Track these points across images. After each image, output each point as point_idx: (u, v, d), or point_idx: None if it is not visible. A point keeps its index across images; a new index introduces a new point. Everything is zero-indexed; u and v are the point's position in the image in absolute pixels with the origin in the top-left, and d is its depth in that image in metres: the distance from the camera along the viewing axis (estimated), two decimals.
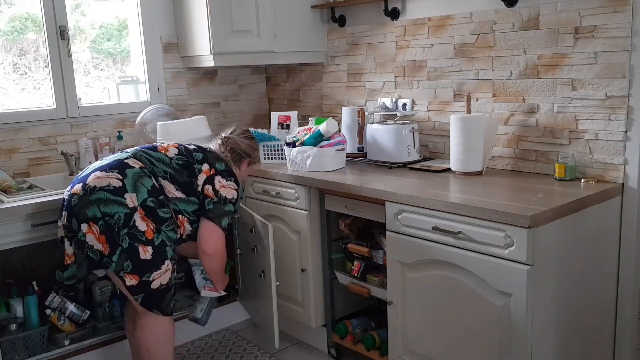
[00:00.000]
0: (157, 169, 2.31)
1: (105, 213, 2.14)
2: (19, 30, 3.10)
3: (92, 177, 2.20)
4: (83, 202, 2.16)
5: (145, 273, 2.18)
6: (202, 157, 2.40)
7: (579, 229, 2.12)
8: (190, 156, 2.38)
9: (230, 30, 3.12)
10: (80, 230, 2.16)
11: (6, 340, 2.48)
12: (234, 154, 2.56)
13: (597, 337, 2.32)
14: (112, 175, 2.19)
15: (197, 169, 2.36)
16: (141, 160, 2.30)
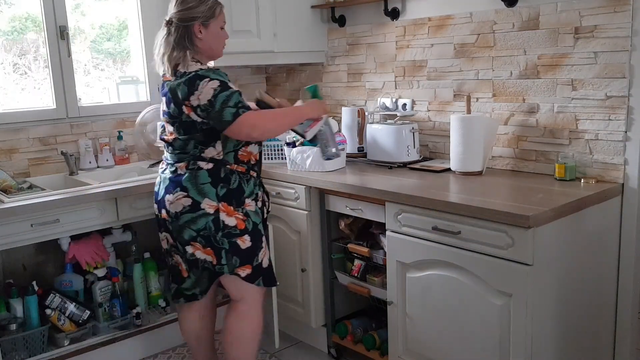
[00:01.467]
0: (193, 152, 2.23)
1: (198, 230, 2.19)
2: (19, 30, 3.10)
3: (167, 203, 2.23)
4: (176, 228, 2.23)
5: (253, 258, 2.26)
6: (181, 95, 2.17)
7: (579, 229, 2.12)
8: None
9: (230, 30, 3.11)
10: (187, 251, 2.25)
11: (6, 340, 2.48)
12: (181, 37, 2.20)
13: (597, 337, 2.32)
14: (179, 196, 2.20)
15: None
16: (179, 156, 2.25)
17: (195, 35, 2.23)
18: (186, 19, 2.20)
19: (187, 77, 2.14)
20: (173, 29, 2.21)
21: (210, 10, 2.27)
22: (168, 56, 2.20)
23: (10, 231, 2.40)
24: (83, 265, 2.76)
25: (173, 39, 2.20)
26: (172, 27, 2.21)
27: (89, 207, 2.59)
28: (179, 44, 2.20)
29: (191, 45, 2.22)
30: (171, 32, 2.21)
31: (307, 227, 2.74)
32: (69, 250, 2.72)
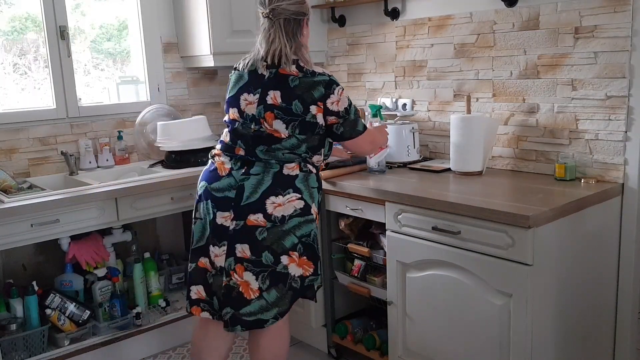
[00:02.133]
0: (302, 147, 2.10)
1: (301, 236, 2.09)
2: (19, 30, 3.10)
3: (272, 206, 2.03)
4: (276, 235, 2.05)
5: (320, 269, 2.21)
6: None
7: (579, 229, 2.12)
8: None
9: (230, 30, 3.12)
10: (280, 262, 2.06)
11: (6, 340, 2.48)
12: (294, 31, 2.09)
13: (597, 337, 2.32)
14: (293, 198, 2.06)
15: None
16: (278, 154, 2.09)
17: (302, 31, 2.11)
18: (299, 12, 2.08)
19: (322, 79, 2.06)
20: (283, 22, 2.06)
21: (310, 10, 2.17)
22: (288, 49, 2.05)
23: (10, 231, 2.40)
24: (83, 265, 2.76)
25: (286, 31, 2.06)
26: (281, 20, 2.06)
27: (89, 207, 2.58)
28: (293, 37, 2.07)
29: (298, 40, 2.09)
30: (281, 24, 2.06)
31: None
32: (69, 250, 2.72)
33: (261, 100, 2.06)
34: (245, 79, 2.14)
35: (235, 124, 2.13)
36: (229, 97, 2.18)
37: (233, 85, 2.19)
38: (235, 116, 2.13)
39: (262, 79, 2.08)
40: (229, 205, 2.07)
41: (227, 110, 2.18)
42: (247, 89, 2.11)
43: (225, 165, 2.13)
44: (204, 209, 2.13)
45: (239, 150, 2.12)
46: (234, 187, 2.07)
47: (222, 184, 2.10)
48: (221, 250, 2.09)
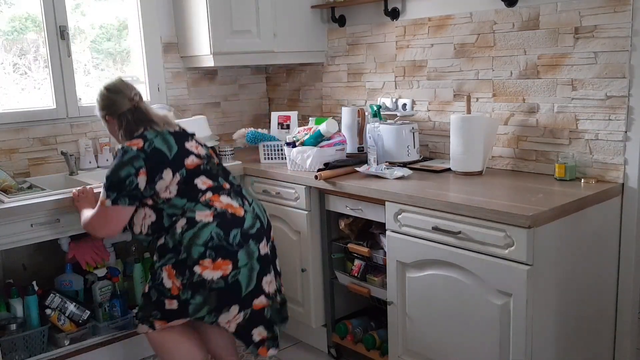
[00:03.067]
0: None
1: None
2: (19, 30, 3.10)
3: (263, 248, 2.26)
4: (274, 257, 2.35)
5: None
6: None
7: (579, 229, 2.12)
8: None
9: (230, 30, 3.12)
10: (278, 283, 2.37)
11: (6, 340, 2.48)
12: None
13: (597, 337, 2.32)
14: (265, 246, 2.28)
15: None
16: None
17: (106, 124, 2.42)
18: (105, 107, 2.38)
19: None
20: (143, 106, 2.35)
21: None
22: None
23: (10, 231, 2.40)
24: (83, 265, 2.76)
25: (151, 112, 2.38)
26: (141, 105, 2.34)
27: None
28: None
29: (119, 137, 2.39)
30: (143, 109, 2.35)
31: (307, 227, 2.74)
32: (69, 250, 2.72)
33: (199, 143, 2.38)
34: (171, 137, 2.27)
35: (200, 167, 2.25)
36: (174, 155, 2.21)
37: (168, 147, 2.23)
38: (195, 162, 2.25)
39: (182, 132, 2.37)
40: (262, 235, 2.26)
41: (181, 165, 2.21)
42: (182, 140, 2.30)
43: (233, 204, 2.22)
44: (246, 253, 2.19)
45: (225, 185, 2.29)
46: (257, 218, 2.27)
47: (249, 220, 2.23)
48: (271, 276, 2.29)
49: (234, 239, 2.16)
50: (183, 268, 2.13)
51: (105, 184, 2.18)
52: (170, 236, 2.17)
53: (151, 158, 2.17)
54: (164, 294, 2.17)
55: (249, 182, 3.02)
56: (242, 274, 2.17)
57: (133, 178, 2.14)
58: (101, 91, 2.32)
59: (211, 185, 2.22)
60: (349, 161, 2.76)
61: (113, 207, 2.17)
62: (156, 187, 2.17)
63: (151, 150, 2.17)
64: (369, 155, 2.73)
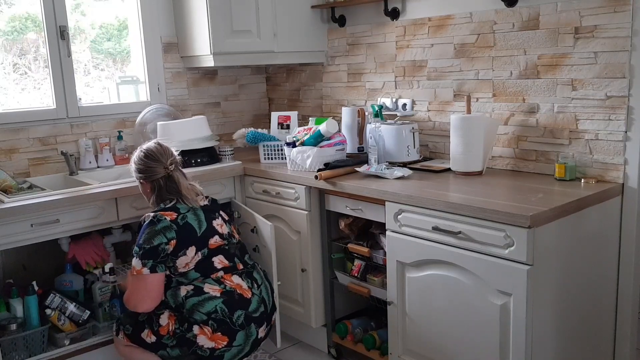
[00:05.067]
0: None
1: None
2: (19, 30, 3.10)
3: (261, 332, 2.31)
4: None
5: None
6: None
7: (579, 229, 2.12)
8: None
9: (230, 30, 3.12)
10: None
11: (6, 340, 2.47)
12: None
13: (597, 337, 2.32)
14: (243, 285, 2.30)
15: None
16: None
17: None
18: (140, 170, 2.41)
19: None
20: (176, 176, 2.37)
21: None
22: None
23: (10, 231, 2.40)
24: (83, 265, 2.76)
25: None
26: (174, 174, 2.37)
27: (89, 207, 2.58)
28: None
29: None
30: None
31: (307, 227, 2.74)
32: (69, 250, 2.72)
33: (224, 219, 2.40)
34: (201, 212, 2.31)
35: (221, 247, 2.29)
36: (202, 232, 2.26)
37: (199, 224, 2.27)
38: (218, 242, 2.29)
39: (208, 207, 2.38)
40: (263, 319, 2.30)
41: (205, 245, 2.25)
42: (210, 217, 2.33)
43: (242, 285, 2.27)
44: (245, 336, 2.22)
45: (239, 265, 2.33)
46: (262, 302, 2.31)
47: (255, 303, 2.27)
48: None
49: (237, 319, 2.20)
50: (183, 321, 2.16)
51: (138, 252, 2.16)
52: (171, 296, 2.20)
53: (181, 232, 2.20)
54: (151, 325, 2.20)
55: (249, 182, 3.02)
56: (231, 352, 2.21)
57: (164, 246, 2.17)
58: (139, 155, 2.35)
59: (227, 265, 2.28)
60: (349, 161, 2.76)
61: (152, 275, 2.16)
62: (177, 262, 2.20)
63: (183, 224, 2.22)
64: (370, 155, 2.73)
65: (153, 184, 2.33)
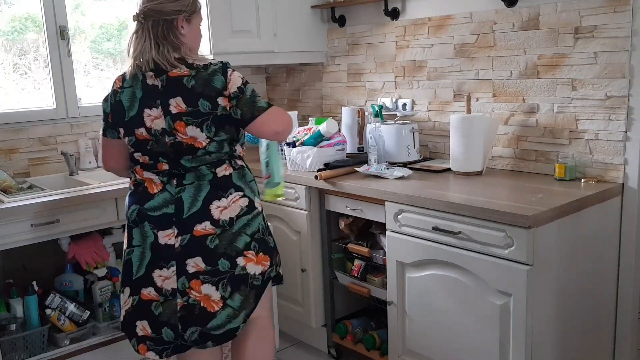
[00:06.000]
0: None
1: (252, 233, 1.98)
2: (19, 30, 3.10)
3: (217, 211, 1.93)
4: (227, 240, 1.94)
5: (277, 257, 2.10)
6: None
7: (579, 229, 2.12)
8: None
9: (230, 30, 3.12)
10: (237, 265, 1.95)
11: (6, 340, 2.47)
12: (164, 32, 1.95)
13: (597, 337, 2.32)
14: (236, 198, 1.96)
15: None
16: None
17: (178, 31, 1.95)
18: (169, 12, 1.93)
19: (216, 67, 1.92)
20: (151, 24, 1.92)
21: (193, 5, 2.02)
22: (164, 52, 1.92)
23: (10, 231, 2.40)
24: (83, 265, 2.76)
25: (154, 34, 1.92)
26: (149, 22, 1.92)
27: (89, 207, 2.58)
28: (165, 40, 1.93)
29: (174, 42, 1.94)
30: (149, 28, 1.92)
31: (307, 227, 2.74)
32: (69, 250, 2.72)
33: (165, 111, 1.90)
34: (140, 94, 1.94)
35: (148, 144, 1.95)
36: (130, 117, 1.95)
37: (130, 104, 1.95)
38: (145, 135, 1.94)
39: (156, 90, 1.91)
40: (170, 222, 1.94)
41: (130, 132, 1.96)
42: (147, 104, 1.93)
43: (154, 181, 1.98)
44: (140, 234, 1.98)
45: (162, 165, 1.97)
46: (171, 202, 1.94)
47: (157, 201, 1.96)
48: (170, 272, 1.95)
49: (130, 214, 2.00)
50: None
51: (251, 93, 1.98)
52: None
53: (114, 109, 2.00)
54: None
55: None
56: (134, 255, 1.99)
57: (105, 116, 2.06)
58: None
59: (146, 162, 2.00)
60: (349, 161, 2.76)
61: (103, 137, 2.11)
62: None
63: (117, 101, 1.99)
64: (370, 155, 2.73)
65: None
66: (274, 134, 2.04)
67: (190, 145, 1.92)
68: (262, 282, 2.01)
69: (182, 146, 1.92)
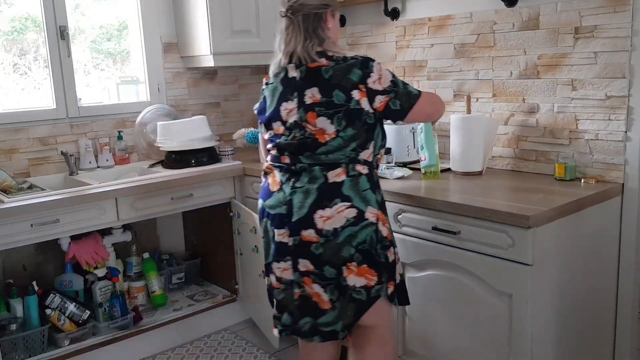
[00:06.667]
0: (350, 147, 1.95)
1: (357, 244, 1.91)
2: (19, 30, 3.10)
3: (321, 220, 1.90)
4: (332, 249, 1.91)
5: (394, 273, 2.03)
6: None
7: (579, 229, 2.12)
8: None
9: (230, 30, 3.12)
10: (342, 274, 1.93)
11: (6, 340, 2.48)
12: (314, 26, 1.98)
13: (597, 337, 2.32)
14: (341, 208, 1.90)
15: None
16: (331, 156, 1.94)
17: (325, 25, 1.99)
18: (319, 5, 1.97)
19: (355, 60, 1.93)
20: (302, 19, 1.95)
21: (336, 0, 2.08)
22: (310, 46, 1.95)
23: (10, 231, 2.40)
24: (83, 265, 2.76)
25: (305, 28, 1.95)
26: (299, 17, 1.95)
27: (89, 207, 2.58)
28: (314, 33, 1.96)
29: (321, 36, 1.97)
30: (299, 22, 1.95)
31: None
32: (69, 250, 2.72)
33: (300, 103, 1.94)
34: (280, 89, 2.01)
35: (280, 138, 2.00)
36: (269, 113, 2.03)
37: (271, 100, 2.04)
38: (280, 130, 2.00)
39: (294, 82, 1.97)
40: (282, 222, 1.98)
41: (269, 126, 2.04)
42: (284, 97, 1.99)
43: (276, 178, 2.02)
44: (264, 228, 2.07)
45: (285, 158, 2.00)
46: (284, 203, 1.97)
47: (274, 200, 2.01)
48: (287, 265, 2.00)
49: (259, 208, 2.10)
50: None
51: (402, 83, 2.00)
52: None
53: (261, 103, 2.12)
54: None
55: (248, 182, 3.01)
56: (263, 243, 2.11)
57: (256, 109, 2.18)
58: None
59: (275, 154, 2.05)
60: None
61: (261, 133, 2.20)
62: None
63: (262, 97, 2.12)
64: None
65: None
66: (427, 117, 2.16)
67: (314, 139, 1.92)
68: (366, 297, 1.95)
69: (308, 141, 1.93)
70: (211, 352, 2.94)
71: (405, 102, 1.97)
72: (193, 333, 3.07)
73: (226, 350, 2.96)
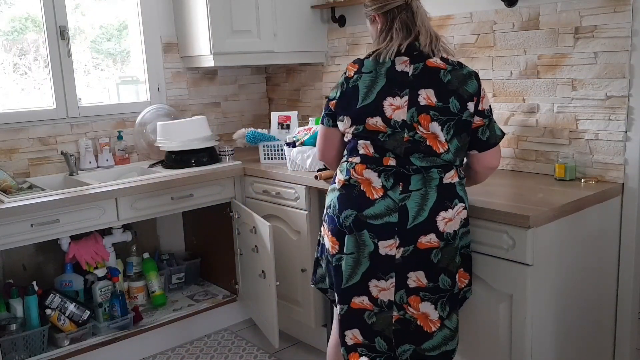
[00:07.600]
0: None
1: (462, 247, 1.91)
2: (19, 30, 3.10)
3: (444, 223, 1.80)
4: (449, 255, 1.83)
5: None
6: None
7: (579, 229, 2.12)
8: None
9: (230, 30, 3.12)
10: (456, 282, 1.88)
11: (6, 340, 2.48)
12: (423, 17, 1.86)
13: (597, 337, 2.32)
14: (460, 209, 1.84)
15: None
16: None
17: (425, 14, 1.86)
18: None
19: (470, 71, 1.83)
20: (415, 6, 1.82)
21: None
22: (433, 38, 1.82)
23: (10, 231, 2.40)
24: (83, 265, 2.76)
25: (420, 18, 1.82)
26: (418, 2, 1.83)
27: (89, 207, 2.58)
28: (428, 24, 1.84)
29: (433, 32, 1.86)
30: (418, 7, 1.83)
31: (307, 227, 2.74)
32: (69, 250, 2.72)
33: (412, 102, 1.77)
34: (383, 82, 1.81)
35: (378, 135, 1.80)
36: (364, 105, 1.82)
37: (367, 91, 1.82)
38: (379, 126, 1.80)
39: (406, 77, 1.78)
40: (392, 232, 1.79)
41: (359, 120, 1.83)
42: (389, 92, 1.79)
43: (374, 184, 1.81)
44: (355, 242, 1.83)
45: (389, 160, 1.80)
46: (395, 210, 1.79)
47: (378, 208, 1.80)
48: (389, 284, 1.82)
49: (344, 219, 1.84)
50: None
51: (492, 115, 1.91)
52: None
53: (345, 95, 1.86)
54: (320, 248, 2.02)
55: (249, 182, 3.02)
56: (345, 262, 1.85)
57: (328, 103, 1.93)
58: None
59: (369, 155, 1.83)
60: None
61: (321, 126, 1.99)
62: (339, 125, 1.91)
63: (352, 87, 1.84)
64: None
65: (386, 17, 1.83)
66: (489, 169, 1.96)
67: (428, 147, 1.78)
68: (459, 294, 1.95)
69: (420, 144, 1.78)
70: (211, 352, 2.94)
71: (491, 136, 1.85)
72: (193, 333, 3.07)
73: (226, 350, 2.96)
